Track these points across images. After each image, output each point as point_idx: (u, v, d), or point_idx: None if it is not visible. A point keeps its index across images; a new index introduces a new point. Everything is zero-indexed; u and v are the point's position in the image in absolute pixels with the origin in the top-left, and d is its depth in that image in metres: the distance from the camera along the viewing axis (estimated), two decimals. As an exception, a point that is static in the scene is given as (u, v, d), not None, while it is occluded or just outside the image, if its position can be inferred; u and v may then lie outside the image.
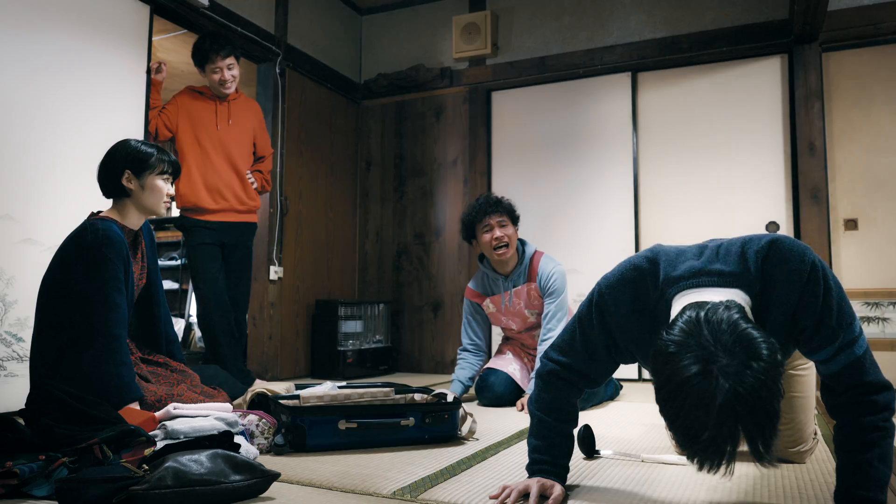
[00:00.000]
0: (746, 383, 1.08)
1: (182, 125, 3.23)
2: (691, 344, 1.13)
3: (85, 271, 2.10)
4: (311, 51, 4.49)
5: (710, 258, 1.36)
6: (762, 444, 1.11)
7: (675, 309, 1.30)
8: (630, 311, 1.43)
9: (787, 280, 1.31)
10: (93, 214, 2.25)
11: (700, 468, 1.15)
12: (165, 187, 2.30)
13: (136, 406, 2.04)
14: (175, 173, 2.35)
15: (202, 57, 3.24)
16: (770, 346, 1.13)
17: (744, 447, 1.12)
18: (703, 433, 1.11)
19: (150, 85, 3.23)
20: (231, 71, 3.26)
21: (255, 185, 3.38)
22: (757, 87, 3.95)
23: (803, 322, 1.32)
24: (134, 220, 2.29)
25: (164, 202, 2.31)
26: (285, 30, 4.23)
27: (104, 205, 2.37)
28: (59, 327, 2.12)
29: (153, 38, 3.35)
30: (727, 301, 1.23)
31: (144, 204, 2.27)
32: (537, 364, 2.81)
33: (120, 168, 2.24)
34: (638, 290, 1.42)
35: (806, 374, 1.82)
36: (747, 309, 1.26)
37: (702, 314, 1.17)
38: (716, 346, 1.12)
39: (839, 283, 1.33)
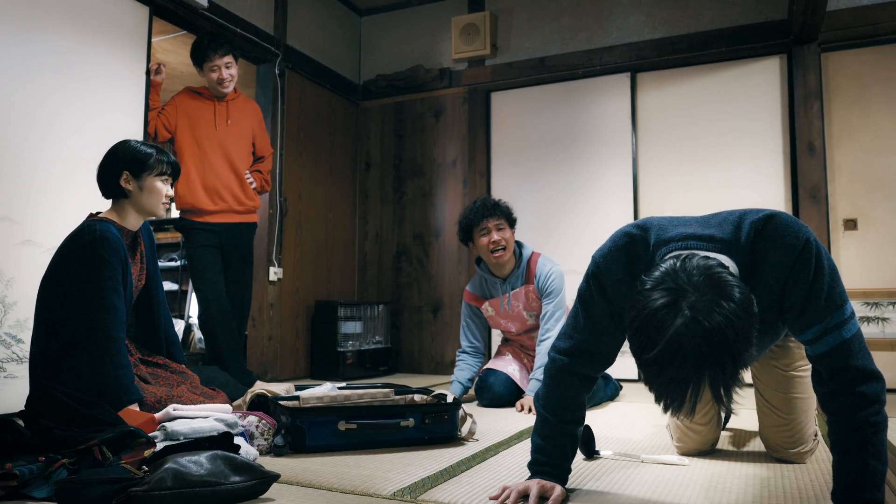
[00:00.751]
0: (713, 319, 1.12)
1: (181, 126, 3.22)
2: (666, 281, 1.18)
3: (83, 272, 2.09)
4: (311, 52, 4.49)
5: (705, 223, 1.40)
6: (723, 386, 1.14)
7: None
8: (625, 275, 1.45)
9: (778, 254, 1.32)
10: (91, 216, 2.24)
11: (665, 410, 1.19)
12: (164, 188, 2.29)
13: (135, 407, 2.04)
14: (174, 174, 2.34)
15: (200, 55, 3.24)
16: (743, 292, 1.16)
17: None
18: (660, 364, 1.14)
19: (150, 86, 3.22)
20: (229, 70, 3.25)
21: (253, 186, 3.37)
22: (756, 88, 3.96)
23: (792, 299, 1.32)
24: (132, 222, 2.29)
25: (163, 203, 2.30)
26: (284, 31, 4.23)
27: (104, 206, 2.36)
28: (59, 329, 2.12)
29: (152, 40, 3.35)
30: (710, 256, 1.26)
31: (143, 205, 2.26)
32: (544, 360, 2.82)
33: (118, 169, 2.23)
34: (630, 255, 1.45)
35: (806, 375, 1.82)
36: (731, 269, 1.29)
37: (678, 262, 1.21)
38: (688, 284, 1.16)
39: (833, 265, 1.33)
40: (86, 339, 2.07)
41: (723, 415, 2.12)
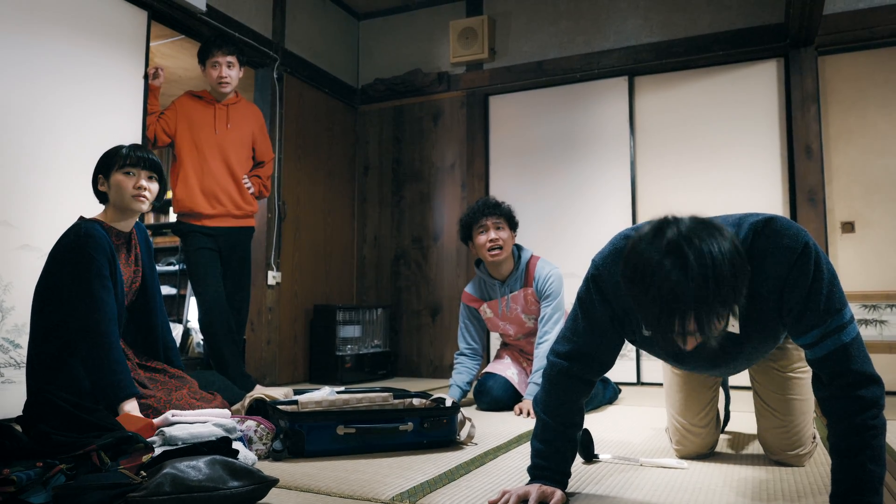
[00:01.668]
0: (703, 240, 1.18)
1: (181, 129, 3.22)
2: (660, 228, 1.25)
3: (70, 271, 2.11)
4: (309, 56, 4.49)
5: None
6: (707, 309, 1.16)
7: None
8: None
9: (776, 257, 1.33)
10: (81, 218, 2.26)
11: (653, 330, 1.23)
12: (129, 181, 2.22)
13: (133, 407, 2.04)
14: (142, 166, 2.25)
15: (205, 52, 3.25)
16: (734, 236, 1.24)
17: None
18: (648, 279, 1.19)
19: (148, 90, 3.22)
20: (231, 70, 3.25)
21: (251, 190, 3.36)
22: (753, 91, 3.97)
23: (791, 302, 1.33)
24: (119, 222, 2.27)
25: (135, 196, 2.22)
26: (283, 35, 4.23)
27: (100, 210, 2.38)
28: (54, 332, 2.13)
29: (151, 44, 3.35)
30: None
31: (115, 202, 2.25)
32: (542, 363, 2.82)
33: (95, 175, 2.28)
34: None
35: (805, 377, 1.82)
36: None
37: (672, 217, 1.29)
38: (681, 222, 1.24)
39: (832, 269, 1.33)
40: (78, 337, 2.08)
41: (721, 417, 2.13)
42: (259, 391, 2.47)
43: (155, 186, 2.29)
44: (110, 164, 2.25)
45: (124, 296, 2.26)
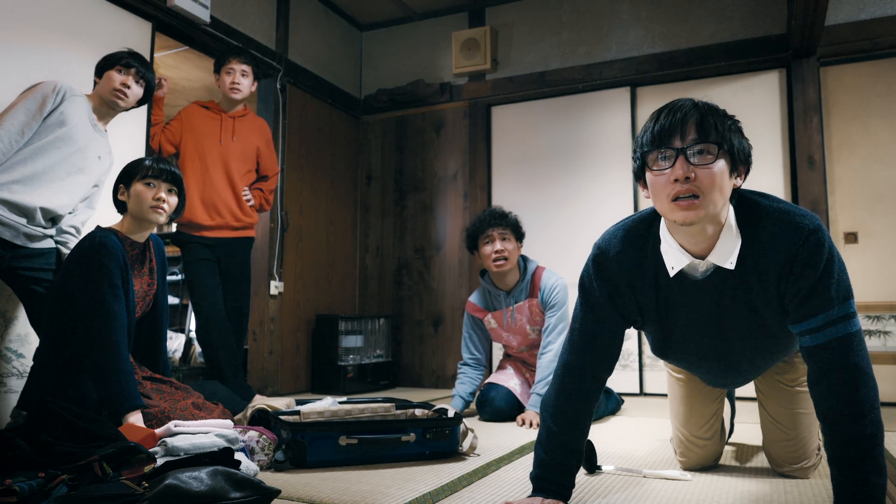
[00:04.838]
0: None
1: (186, 139, 3.24)
2: None
3: (82, 279, 2.12)
4: (312, 66, 4.51)
5: None
6: (713, 115, 1.33)
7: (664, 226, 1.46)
8: (624, 247, 1.50)
9: (789, 228, 1.34)
10: (98, 228, 2.27)
11: (655, 129, 1.36)
12: (149, 192, 2.24)
13: (138, 418, 2.04)
14: (163, 178, 2.27)
15: (222, 59, 3.29)
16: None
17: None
18: (659, 111, 1.38)
19: (152, 101, 3.24)
20: (244, 79, 3.28)
21: (251, 203, 3.36)
22: (755, 102, 3.97)
23: (800, 282, 1.32)
24: (136, 233, 2.29)
25: (153, 208, 2.24)
26: (286, 46, 4.25)
27: (104, 219, 2.39)
28: (63, 341, 2.14)
29: (155, 54, 3.37)
30: None
31: (133, 212, 2.26)
32: (544, 374, 2.81)
33: (116, 184, 2.31)
34: (629, 231, 1.52)
35: (810, 390, 1.81)
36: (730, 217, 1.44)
37: None
38: None
39: (842, 260, 1.33)
40: (87, 345, 2.08)
41: (726, 429, 2.12)
42: (259, 401, 2.46)
43: (174, 200, 2.32)
44: (132, 173, 2.27)
45: (135, 306, 2.26)
